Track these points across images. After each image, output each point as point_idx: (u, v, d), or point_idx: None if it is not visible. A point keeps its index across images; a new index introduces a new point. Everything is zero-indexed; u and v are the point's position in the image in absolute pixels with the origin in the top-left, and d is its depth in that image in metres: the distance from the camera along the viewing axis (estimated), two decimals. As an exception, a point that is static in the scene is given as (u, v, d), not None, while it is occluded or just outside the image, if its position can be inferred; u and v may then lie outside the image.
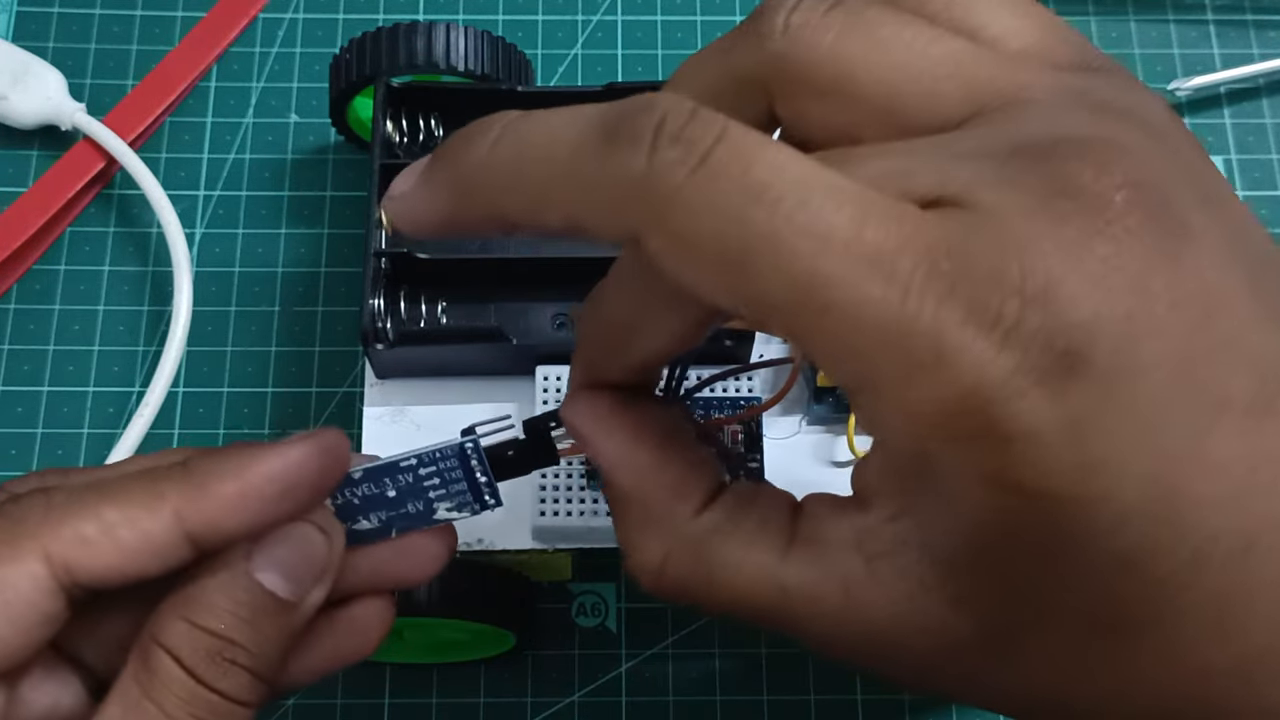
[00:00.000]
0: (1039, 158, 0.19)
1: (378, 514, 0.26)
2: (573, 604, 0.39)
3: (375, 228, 0.34)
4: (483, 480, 0.26)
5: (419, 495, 0.25)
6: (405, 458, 0.25)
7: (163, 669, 0.23)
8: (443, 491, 0.26)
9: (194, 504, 0.23)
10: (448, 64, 0.38)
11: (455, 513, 0.26)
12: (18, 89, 0.43)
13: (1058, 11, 0.47)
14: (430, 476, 0.25)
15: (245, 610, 0.23)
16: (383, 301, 0.34)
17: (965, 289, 0.18)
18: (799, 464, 0.34)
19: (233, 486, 0.23)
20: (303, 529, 0.24)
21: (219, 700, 0.23)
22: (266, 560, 0.24)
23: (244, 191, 0.44)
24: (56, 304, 0.42)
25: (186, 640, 0.23)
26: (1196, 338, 0.18)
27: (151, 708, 0.22)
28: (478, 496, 0.26)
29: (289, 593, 0.24)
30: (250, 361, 0.42)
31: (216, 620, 0.23)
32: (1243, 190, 0.44)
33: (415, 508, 0.26)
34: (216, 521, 0.23)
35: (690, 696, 0.38)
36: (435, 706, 0.38)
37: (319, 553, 0.24)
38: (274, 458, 0.23)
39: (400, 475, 0.25)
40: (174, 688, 0.23)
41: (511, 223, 0.21)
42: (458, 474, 0.25)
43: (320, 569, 0.24)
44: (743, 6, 0.47)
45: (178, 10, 0.46)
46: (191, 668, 0.23)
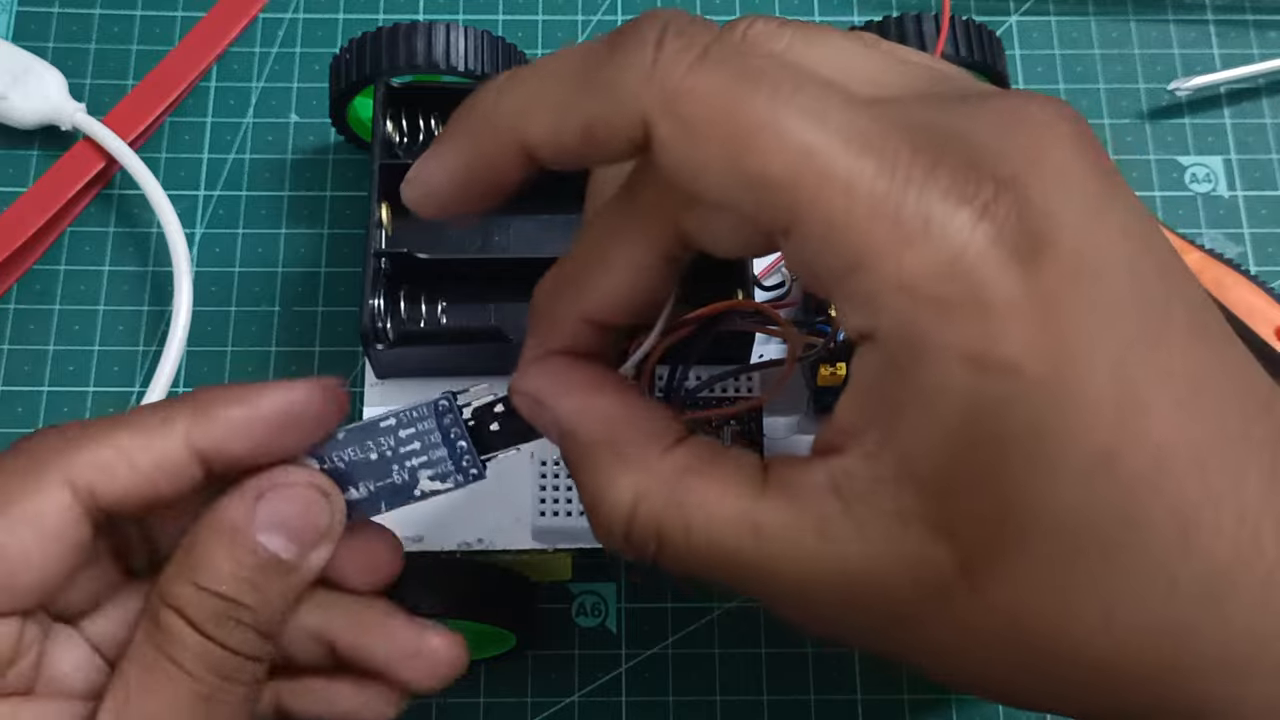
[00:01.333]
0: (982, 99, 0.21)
1: (366, 483, 0.26)
2: (573, 604, 0.39)
3: (375, 227, 0.34)
4: (463, 446, 0.26)
5: (401, 462, 0.26)
6: (384, 417, 0.26)
7: (175, 628, 0.24)
8: (424, 458, 0.26)
9: (202, 427, 0.24)
10: (448, 64, 0.38)
11: (439, 483, 0.26)
12: (18, 89, 0.43)
13: (1057, 11, 0.47)
14: (410, 440, 0.26)
15: (248, 571, 0.24)
16: (383, 301, 0.34)
17: (947, 167, 0.19)
18: (799, 464, 0.34)
19: (239, 411, 0.24)
20: (303, 490, 0.25)
21: (229, 655, 0.24)
22: (268, 522, 0.24)
23: (244, 191, 0.44)
24: (56, 304, 0.42)
25: (194, 601, 0.24)
26: (1141, 259, 0.20)
27: (169, 664, 0.23)
28: (459, 465, 0.26)
29: (292, 554, 0.25)
30: (250, 361, 0.42)
31: (221, 583, 0.24)
32: (1242, 190, 0.44)
33: (400, 477, 0.26)
34: (223, 444, 0.24)
35: (690, 696, 0.38)
36: (435, 706, 0.38)
37: (320, 513, 0.25)
38: (278, 389, 0.25)
39: (381, 437, 0.26)
40: (190, 646, 0.24)
41: (531, 149, 0.22)
42: (435, 437, 0.26)
43: (322, 530, 0.25)
44: (743, 6, 0.47)
45: (178, 10, 0.46)
46: (201, 626, 0.24)
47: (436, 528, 0.33)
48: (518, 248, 0.36)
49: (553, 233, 0.36)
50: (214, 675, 0.24)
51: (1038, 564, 0.20)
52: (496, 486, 0.34)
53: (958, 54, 0.38)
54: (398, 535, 0.33)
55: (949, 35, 0.38)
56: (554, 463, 0.33)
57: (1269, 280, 0.41)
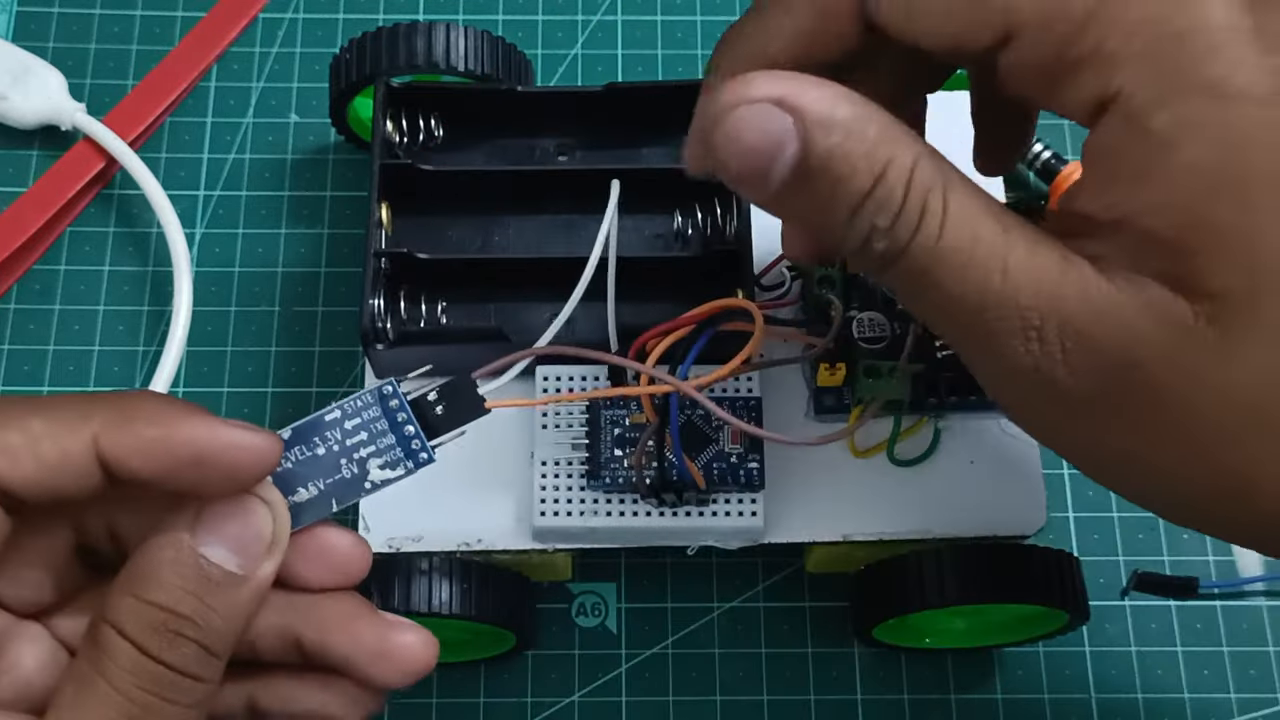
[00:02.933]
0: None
1: (315, 482, 0.26)
2: (573, 604, 0.39)
3: (375, 227, 0.34)
4: (410, 430, 0.26)
5: (350, 455, 0.26)
6: (328, 410, 0.25)
7: (110, 644, 0.23)
8: (372, 448, 0.26)
9: (113, 434, 0.23)
10: (448, 64, 0.38)
11: (389, 471, 0.26)
12: (18, 89, 0.43)
13: (1058, 11, 0.47)
14: (357, 431, 0.25)
15: (191, 584, 0.23)
16: (383, 301, 0.34)
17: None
18: (799, 463, 0.34)
19: (152, 433, 0.23)
20: (246, 501, 0.24)
21: (165, 672, 0.23)
22: (210, 534, 0.24)
23: (244, 191, 0.44)
24: (56, 304, 0.42)
25: (132, 615, 0.23)
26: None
27: (101, 683, 0.22)
28: (408, 450, 0.26)
29: (236, 565, 0.24)
30: (250, 361, 0.42)
31: (162, 594, 0.23)
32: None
33: (350, 470, 0.26)
34: (127, 460, 0.23)
35: (690, 696, 0.38)
36: (435, 706, 0.38)
37: (263, 525, 0.24)
38: (203, 428, 0.23)
39: (327, 431, 0.25)
40: (121, 661, 0.23)
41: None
42: (382, 424, 0.26)
43: (266, 542, 0.24)
44: (742, 6, 0.47)
45: (178, 10, 0.46)
46: (136, 640, 0.23)
47: (436, 528, 0.33)
48: (518, 248, 0.36)
49: (553, 233, 0.36)
50: (148, 694, 0.23)
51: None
52: (496, 486, 0.34)
53: (958, 54, 0.38)
54: (399, 535, 0.33)
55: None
56: (554, 462, 0.33)
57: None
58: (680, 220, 0.36)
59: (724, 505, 0.32)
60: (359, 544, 0.26)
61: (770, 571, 0.39)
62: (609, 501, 0.32)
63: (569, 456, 0.33)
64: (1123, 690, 0.38)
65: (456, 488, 0.34)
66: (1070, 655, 0.39)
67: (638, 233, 0.36)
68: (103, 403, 0.24)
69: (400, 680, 0.26)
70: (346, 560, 0.26)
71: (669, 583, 0.39)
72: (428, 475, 0.33)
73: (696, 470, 0.31)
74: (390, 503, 0.33)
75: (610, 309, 0.33)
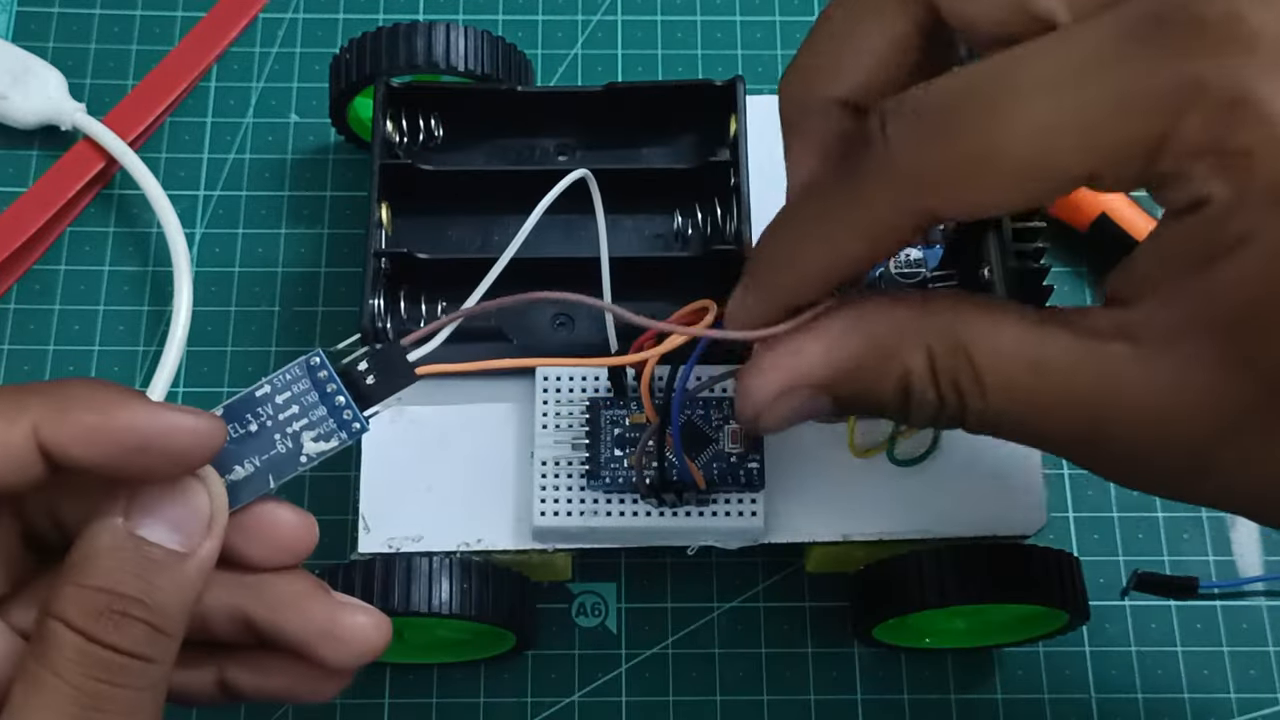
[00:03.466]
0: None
1: (250, 460, 0.25)
2: (573, 604, 0.39)
3: (375, 227, 0.34)
4: (340, 401, 0.26)
5: (283, 429, 0.26)
6: (258, 386, 0.25)
7: (54, 635, 0.22)
8: (305, 420, 0.26)
9: (51, 423, 0.23)
10: (448, 64, 0.38)
11: (324, 443, 0.26)
12: (18, 89, 0.43)
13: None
14: (288, 404, 0.25)
15: (131, 565, 0.23)
16: (383, 301, 0.34)
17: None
18: (799, 464, 0.34)
19: (91, 419, 0.23)
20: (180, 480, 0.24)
21: (114, 656, 0.22)
22: (146, 515, 0.23)
23: (244, 191, 0.44)
24: (56, 304, 0.42)
25: (74, 602, 0.23)
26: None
27: (49, 677, 0.22)
28: (340, 421, 0.26)
29: (176, 543, 0.23)
30: (250, 361, 0.42)
31: (102, 577, 0.23)
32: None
33: (284, 445, 0.26)
34: (67, 448, 0.23)
35: (690, 696, 0.38)
36: (435, 706, 0.38)
37: (198, 501, 0.24)
38: (143, 413, 0.23)
39: (259, 407, 0.25)
40: (66, 651, 0.22)
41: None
42: (313, 397, 0.26)
43: (205, 517, 0.24)
44: (743, 6, 0.47)
45: (178, 10, 0.46)
46: (80, 627, 0.22)
47: (436, 528, 0.33)
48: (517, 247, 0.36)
49: (553, 233, 0.36)
50: (97, 680, 0.22)
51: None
52: (496, 486, 0.34)
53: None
54: (399, 535, 0.33)
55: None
56: (554, 462, 0.33)
57: (1269, 280, 0.41)
58: (680, 220, 0.36)
59: (724, 505, 0.32)
60: (303, 519, 0.26)
61: (770, 571, 0.39)
62: (609, 501, 0.32)
63: (569, 456, 0.33)
64: (1123, 690, 0.38)
65: (456, 488, 0.34)
66: (1070, 655, 0.39)
67: (638, 233, 0.36)
68: (39, 392, 0.23)
69: (351, 660, 0.26)
70: (292, 537, 0.26)
71: (669, 583, 0.39)
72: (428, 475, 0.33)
73: (697, 470, 0.31)
74: (390, 503, 0.33)
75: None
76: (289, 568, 0.26)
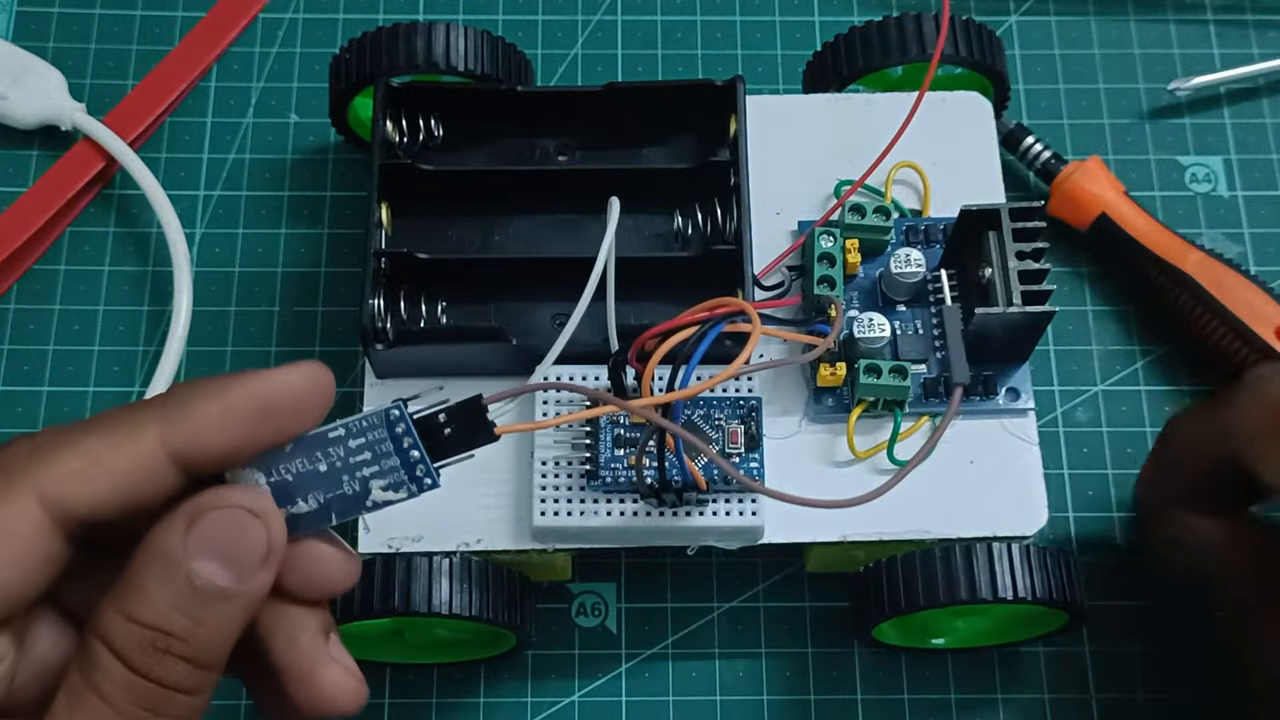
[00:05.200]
0: None
1: (315, 495, 0.25)
2: (573, 604, 0.39)
3: (375, 227, 0.34)
4: (415, 455, 0.25)
5: (352, 472, 0.25)
6: (333, 427, 0.25)
7: (101, 659, 0.23)
8: (376, 468, 0.25)
9: (176, 424, 0.23)
10: (448, 64, 0.38)
11: (392, 493, 0.25)
12: (18, 89, 0.43)
13: (1057, 11, 0.47)
14: (361, 450, 0.25)
15: (180, 600, 0.23)
16: (383, 301, 0.34)
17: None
18: (799, 464, 0.34)
19: (213, 405, 0.23)
20: (238, 514, 0.24)
21: (156, 689, 0.23)
22: (200, 548, 0.23)
23: (244, 191, 0.44)
24: (56, 304, 0.42)
25: (121, 631, 0.23)
26: None
27: (91, 696, 0.22)
28: (411, 475, 0.25)
29: (228, 580, 0.23)
30: (250, 361, 0.42)
31: (149, 612, 0.23)
32: (1242, 190, 0.44)
33: (351, 488, 0.25)
34: (199, 440, 0.23)
35: (690, 696, 0.38)
36: (435, 706, 0.38)
37: (256, 538, 0.24)
38: (254, 379, 0.24)
39: (330, 448, 0.25)
40: (112, 676, 0.23)
41: None
42: (387, 446, 0.25)
43: (261, 555, 0.24)
44: (743, 6, 0.47)
45: (178, 10, 0.46)
46: (126, 657, 0.23)
47: (436, 528, 0.33)
48: (518, 248, 0.36)
49: (553, 233, 0.36)
50: (140, 709, 0.23)
51: None
52: (496, 486, 0.34)
53: (957, 54, 0.38)
54: (399, 535, 0.33)
55: (949, 35, 0.38)
56: (554, 462, 0.33)
57: (1269, 280, 0.41)
58: (680, 220, 0.36)
59: (724, 505, 0.32)
60: (347, 560, 0.26)
61: (770, 571, 0.39)
62: (609, 501, 0.32)
63: (569, 456, 0.33)
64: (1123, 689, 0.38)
65: (456, 488, 0.33)
66: (1070, 655, 0.39)
67: (638, 233, 0.36)
68: (151, 403, 0.24)
69: (314, 709, 0.25)
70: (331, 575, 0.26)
71: (669, 583, 0.39)
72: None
73: (697, 471, 0.31)
74: (390, 503, 0.33)
75: (610, 311, 0.33)
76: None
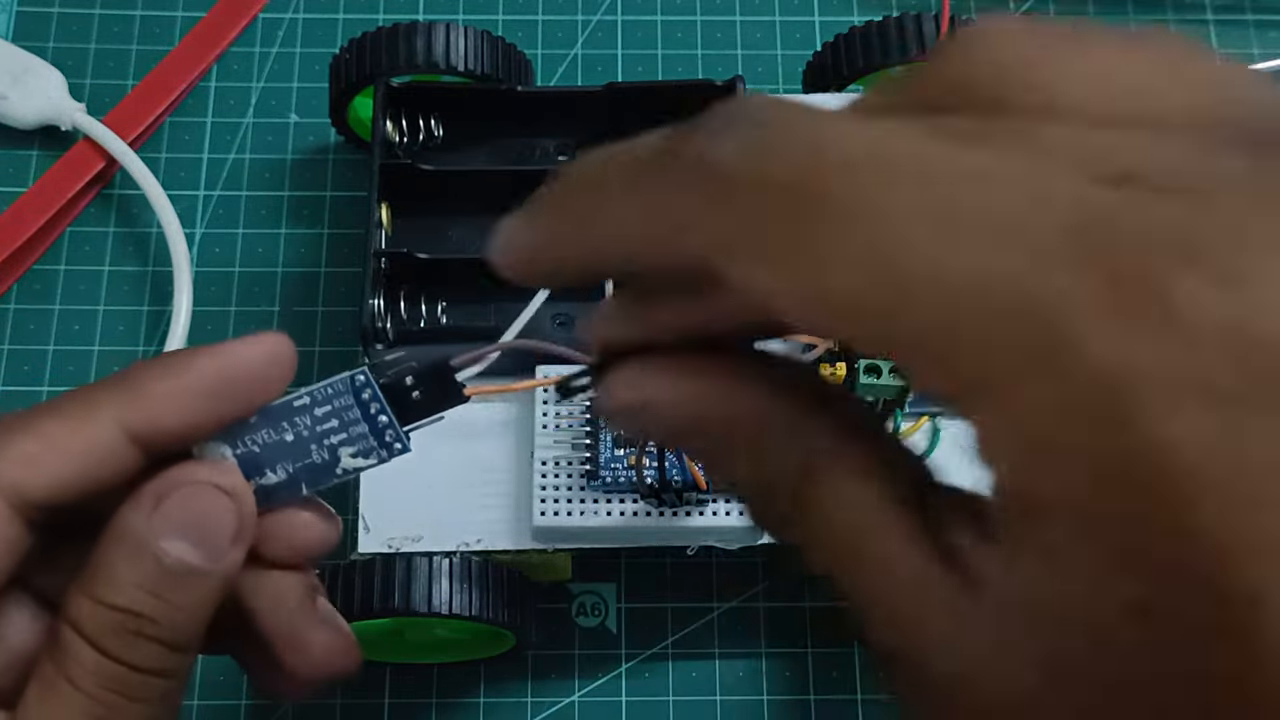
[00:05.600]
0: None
1: (283, 465, 0.25)
2: (573, 604, 0.39)
3: (375, 227, 0.34)
4: (383, 420, 0.25)
5: (320, 441, 0.25)
6: (298, 396, 0.25)
7: (71, 645, 0.22)
8: (344, 435, 0.25)
9: (132, 404, 0.23)
10: (448, 64, 0.38)
11: (362, 459, 0.25)
12: (18, 89, 0.43)
13: (1057, 11, 0.47)
14: (327, 418, 0.25)
15: (150, 582, 0.23)
16: (383, 301, 0.34)
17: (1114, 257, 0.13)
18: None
19: (170, 383, 0.23)
20: (205, 491, 0.23)
21: (128, 672, 0.22)
22: (168, 527, 0.23)
23: (244, 191, 0.44)
24: (56, 304, 0.42)
25: (91, 616, 0.22)
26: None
27: (63, 684, 0.22)
28: (381, 440, 0.25)
29: (198, 559, 0.23)
30: (250, 361, 0.42)
31: (118, 595, 0.22)
32: (1243, 190, 0.44)
33: (320, 456, 0.25)
34: (157, 419, 0.23)
35: (690, 696, 0.38)
36: (435, 706, 0.38)
37: (225, 514, 0.23)
38: (211, 354, 0.23)
39: (296, 416, 0.24)
40: (83, 662, 0.22)
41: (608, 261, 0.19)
42: (355, 414, 0.25)
43: (231, 532, 0.23)
44: (742, 6, 0.47)
45: (178, 10, 0.46)
46: (97, 642, 0.22)
47: (436, 528, 0.33)
48: (518, 248, 0.36)
49: (553, 233, 0.36)
50: (113, 693, 0.22)
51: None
52: (496, 486, 0.34)
53: (958, 54, 0.38)
54: (399, 535, 0.33)
55: (949, 35, 0.38)
56: (554, 462, 0.33)
57: (1269, 280, 0.41)
58: (680, 220, 0.36)
59: (724, 505, 0.32)
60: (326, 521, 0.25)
61: (770, 571, 0.39)
62: (609, 501, 0.32)
63: (569, 456, 0.33)
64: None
65: (456, 488, 0.34)
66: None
67: (638, 233, 0.36)
68: (107, 383, 0.23)
69: (308, 673, 0.25)
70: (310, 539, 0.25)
71: (669, 583, 0.39)
72: (428, 475, 0.33)
73: (697, 471, 0.31)
74: (390, 503, 0.33)
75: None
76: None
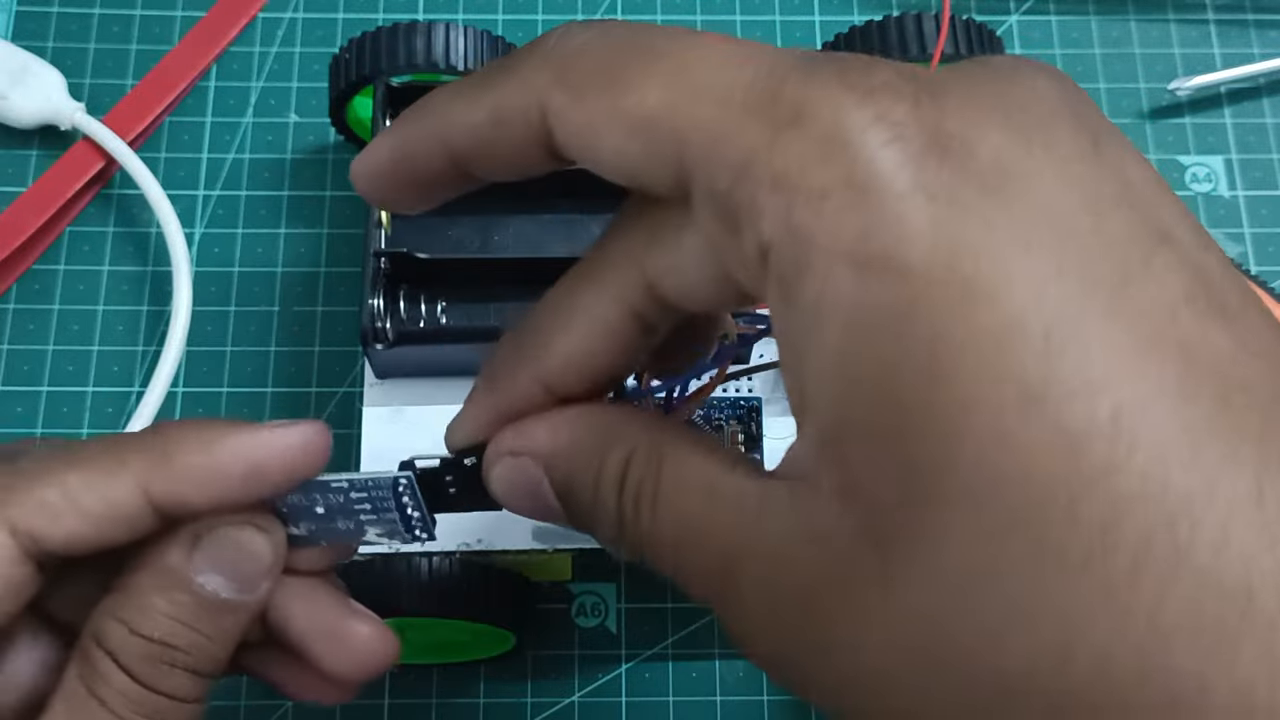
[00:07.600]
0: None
1: (308, 525, 0.25)
2: (573, 604, 0.39)
3: (375, 227, 0.34)
4: (414, 516, 0.25)
5: (349, 515, 0.25)
6: (337, 479, 0.24)
7: (104, 668, 0.23)
8: (373, 516, 0.25)
9: (158, 473, 0.23)
10: (448, 64, 0.38)
11: (385, 541, 0.25)
12: (18, 89, 0.43)
13: (1057, 12, 0.47)
14: (361, 501, 0.25)
15: (184, 614, 0.23)
16: (382, 301, 0.34)
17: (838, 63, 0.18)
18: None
19: (199, 459, 0.23)
20: (242, 529, 0.24)
21: (159, 699, 0.23)
22: (207, 562, 0.23)
23: (244, 191, 0.44)
24: (56, 304, 0.42)
25: (124, 644, 0.23)
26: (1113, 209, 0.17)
27: (95, 706, 0.22)
28: (409, 528, 0.25)
29: (232, 593, 0.23)
30: (250, 361, 0.42)
31: (153, 626, 0.23)
32: (1243, 190, 0.44)
33: (346, 526, 0.25)
34: (180, 494, 0.23)
35: (690, 697, 0.38)
36: (435, 706, 0.38)
37: (262, 549, 0.24)
38: (245, 437, 0.23)
39: (330, 494, 0.24)
40: (114, 684, 0.22)
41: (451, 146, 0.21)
42: (389, 504, 0.25)
43: (266, 566, 0.24)
44: (742, 6, 0.47)
45: (178, 10, 0.46)
46: (129, 669, 0.23)
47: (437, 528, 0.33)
48: (518, 248, 0.36)
49: (553, 233, 0.36)
50: (139, 716, 0.23)
51: (952, 544, 0.16)
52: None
53: (958, 53, 0.38)
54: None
55: (949, 35, 0.38)
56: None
57: (1269, 280, 0.41)
58: (680, 220, 0.36)
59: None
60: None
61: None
62: (609, 501, 0.32)
63: (569, 456, 0.33)
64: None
65: (456, 488, 0.34)
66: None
67: (638, 233, 0.36)
68: (136, 443, 0.23)
69: (352, 669, 0.25)
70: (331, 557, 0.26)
71: (669, 583, 0.39)
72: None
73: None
74: (390, 503, 0.33)
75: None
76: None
